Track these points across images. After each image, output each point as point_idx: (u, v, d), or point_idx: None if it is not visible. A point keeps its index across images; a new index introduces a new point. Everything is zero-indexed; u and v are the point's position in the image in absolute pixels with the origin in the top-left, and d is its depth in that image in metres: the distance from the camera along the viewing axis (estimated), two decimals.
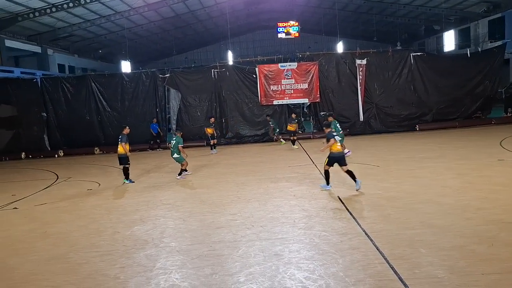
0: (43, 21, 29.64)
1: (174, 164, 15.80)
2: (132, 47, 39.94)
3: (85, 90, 21.54)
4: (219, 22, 40.59)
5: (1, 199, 11.57)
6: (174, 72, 21.57)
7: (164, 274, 5.74)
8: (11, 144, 21.62)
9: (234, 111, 21.37)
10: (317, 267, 5.59)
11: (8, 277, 6.11)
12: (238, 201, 9.53)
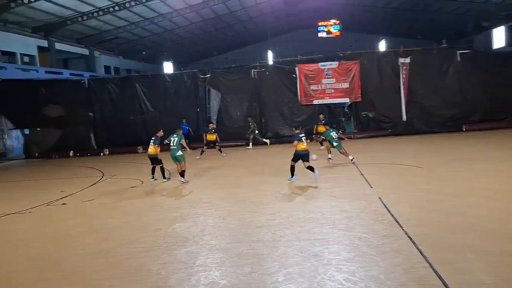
0: (90, 24, 30.81)
1: (212, 164, 16.03)
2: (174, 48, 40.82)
3: (129, 90, 22.20)
4: (259, 22, 40.76)
5: (51, 194, 12.13)
6: (215, 72, 21.85)
7: (204, 271, 5.83)
8: (60, 142, 22.61)
9: (273, 111, 21.38)
10: (357, 269, 5.51)
11: (57, 268, 6.40)
12: (276, 200, 9.54)
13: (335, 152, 14.40)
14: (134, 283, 5.66)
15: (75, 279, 5.95)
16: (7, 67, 24.32)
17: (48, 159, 21.63)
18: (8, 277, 6.25)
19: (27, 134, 23.32)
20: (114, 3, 28.05)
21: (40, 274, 6.24)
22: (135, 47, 40.91)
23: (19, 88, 22.39)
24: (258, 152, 18.31)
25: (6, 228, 9.06)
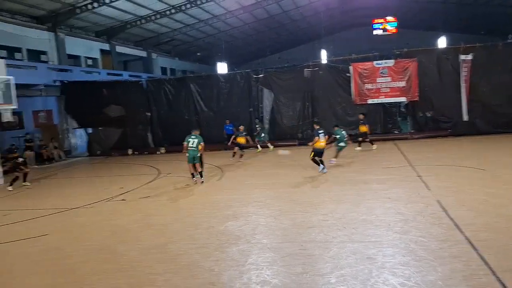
0: (148, 27, 31.98)
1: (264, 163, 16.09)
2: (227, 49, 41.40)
3: (184, 91, 22.77)
4: (312, 21, 40.40)
5: (112, 191, 12.72)
6: (268, 72, 21.90)
7: (255, 270, 5.87)
8: (119, 141, 23.62)
9: (326, 110, 21.08)
10: (413, 274, 5.32)
11: (116, 261, 6.70)
12: (329, 201, 9.40)
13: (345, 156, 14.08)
14: (188, 278, 5.80)
15: (131, 273, 6.19)
16: (72, 70, 25.78)
17: (109, 157, 22.67)
18: (72, 267, 6.62)
19: (90, 133, 24.58)
20: (171, 6, 28.93)
21: (100, 266, 6.56)
22: (190, 48, 41.97)
23: (83, 89, 23.66)
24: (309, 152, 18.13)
25: (70, 221, 9.60)
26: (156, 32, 34.16)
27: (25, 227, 9.43)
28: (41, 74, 22.55)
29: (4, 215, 10.67)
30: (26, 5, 23.05)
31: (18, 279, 6.30)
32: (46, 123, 23.98)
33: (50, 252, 7.44)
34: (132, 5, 26.70)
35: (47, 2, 23.31)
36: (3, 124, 19.40)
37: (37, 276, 6.38)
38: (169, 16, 30.30)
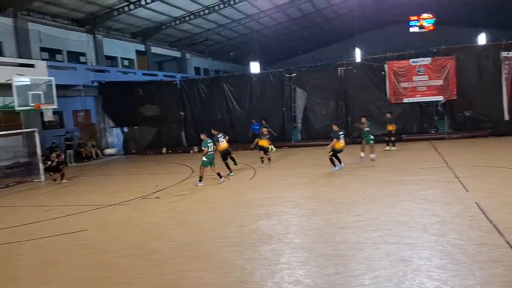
0: (182, 28, 32.50)
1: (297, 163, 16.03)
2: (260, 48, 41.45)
3: (217, 90, 22.97)
4: (346, 19, 39.92)
5: (146, 189, 13.00)
6: (300, 71, 21.79)
7: (288, 269, 5.86)
8: (154, 140, 24.12)
9: (360, 110, 20.73)
10: (450, 278, 5.17)
11: (151, 257, 6.84)
12: (363, 202, 9.27)
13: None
14: (220, 276, 5.85)
15: (165, 269, 6.31)
16: (109, 71, 26.52)
17: (144, 155, 23.18)
18: (108, 262, 6.81)
19: (126, 132, 25.22)
20: (205, 6, 29.28)
21: (135, 261, 6.72)
22: (223, 48, 42.32)
23: (120, 89, 24.29)
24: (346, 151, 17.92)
25: (107, 218, 9.89)
26: (190, 33, 34.65)
27: (65, 222, 9.78)
28: (80, 75, 23.32)
29: (46, 210, 11.11)
30: (67, 9, 23.91)
31: (62, 272, 6.54)
32: (84, 122, 24.80)
33: (89, 247, 7.69)
34: (167, 6, 27.19)
35: (87, 5, 24.08)
36: (45, 123, 20.21)
37: (78, 269, 6.61)
38: (203, 17, 30.68)
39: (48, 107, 16.04)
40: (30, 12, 22.39)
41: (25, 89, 15.25)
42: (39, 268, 6.81)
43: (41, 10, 22.91)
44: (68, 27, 24.98)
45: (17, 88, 14.86)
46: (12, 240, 8.57)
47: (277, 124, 21.91)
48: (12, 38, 20.85)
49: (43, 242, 8.29)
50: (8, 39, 20.64)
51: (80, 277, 6.26)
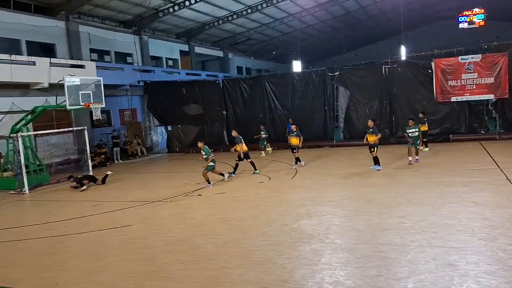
0: (225, 28, 32.85)
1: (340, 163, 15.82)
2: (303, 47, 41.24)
3: (259, 89, 23.04)
4: (391, 16, 38.95)
5: (189, 186, 13.29)
6: (343, 69, 21.46)
7: (328, 270, 5.80)
8: (197, 138, 24.47)
9: (405, 109, 20.19)
10: (500, 285, 4.94)
11: (194, 253, 6.98)
12: (407, 203, 9.03)
13: None
14: (261, 274, 5.88)
15: (207, 265, 6.41)
16: (154, 71, 27.23)
17: (187, 154, 23.61)
18: (152, 256, 7.01)
19: (169, 130, 25.80)
20: (247, 6, 29.44)
21: (178, 257, 6.88)
22: (265, 47, 42.40)
23: (164, 89, 24.89)
24: (388, 151, 17.55)
25: (151, 213, 10.17)
26: (233, 32, 34.96)
27: (113, 217, 10.16)
28: (127, 75, 24.11)
29: (95, 205, 11.59)
30: (115, 11, 24.76)
31: (109, 265, 6.81)
32: (130, 121, 25.59)
33: (135, 241, 7.94)
34: (210, 6, 27.57)
35: (134, 7, 24.84)
36: (94, 122, 21.04)
37: (124, 262, 6.85)
38: (246, 16, 30.87)
39: (97, 106, 16.64)
40: (80, 15, 23.37)
41: (76, 88, 15.91)
42: (88, 260, 7.11)
43: (91, 13, 23.85)
44: (115, 29, 25.87)
45: (68, 88, 15.54)
46: (63, 232, 9.00)
47: (318, 123, 21.75)
48: (64, 40, 21.85)
49: (91, 235, 8.65)
50: (60, 41, 21.65)
51: (126, 270, 6.48)
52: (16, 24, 19.32)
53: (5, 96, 17.67)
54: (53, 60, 19.06)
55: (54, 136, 19.23)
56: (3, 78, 16.58)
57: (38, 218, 10.62)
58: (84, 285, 6.03)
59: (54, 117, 19.89)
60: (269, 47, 42.91)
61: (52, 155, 19.21)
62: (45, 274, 6.60)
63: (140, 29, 27.24)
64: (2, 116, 17.62)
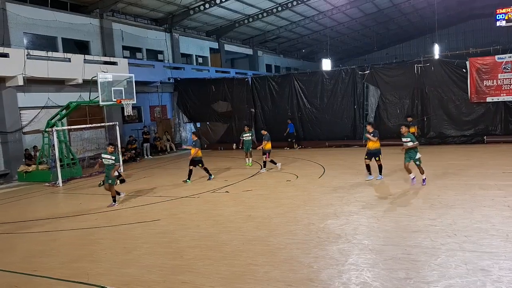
0: (255, 25, 32.90)
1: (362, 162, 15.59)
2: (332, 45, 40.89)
3: (288, 87, 22.96)
4: (425, 14, 38.10)
5: (216, 183, 13.38)
6: (374, 68, 21.11)
7: (355, 271, 5.74)
8: (225, 135, 24.69)
9: (438, 109, 19.70)
10: None
11: (220, 250, 7.03)
12: (438, 205, 8.81)
13: None
14: (287, 272, 5.86)
15: (233, 262, 6.44)
16: (185, 68, 27.57)
17: (215, 150, 23.80)
18: (180, 251, 7.11)
19: (198, 127, 26.06)
20: (278, 4, 29.39)
21: (205, 252, 6.94)
22: (295, 45, 42.23)
23: (194, 86, 25.18)
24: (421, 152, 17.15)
25: (179, 209, 10.31)
26: (262, 30, 34.98)
27: (142, 211, 10.35)
28: (157, 72, 24.51)
29: (124, 199, 11.83)
30: (147, 9, 25.20)
31: (138, 258, 6.94)
32: (160, 117, 25.99)
33: (162, 235, 8.07)
34: (240, 4, 27.67)
35: (166, 5, 25.21)
36: (125, 118, 21.48)
37: (152, 256, 6.97)
38: (276, 14, 30.82)
39: (128, 102, 16.98)
40: (114, 13, 23.88)
41: (108, 85, 16.28)
42: (118, 252, 7.28)
43: (124, 10, 24.33)
44: (147, 27, 26.31)
45: (101, 84, 15.92)
46: (94, 225, 9.24)
47: (347, 122, 21.51)
48: (98, 37, 22.39)
49: (121, 229, 8.84)
50: (94, 39, 22.20)
51: (154, 264, 6.60)
52: (53, 21, 19.96)
53: (41, 92, 18.28)
54: (87, 57, 19.60)
55: (87, 131, 19.75)
56: (40, 74, 17.16)
57: (70, 210, 10.94)
58: (114, 277, 6.17)
59: (87, 112, 20.45)
60: (298, 45, 42.71)
61: (85, 150, 19.73)
62: (77, 265, 6.79)
63: (171, 27, 27.61)
64: (39, 111, 18.23)
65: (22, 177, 16.67)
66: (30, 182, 16.04)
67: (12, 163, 17.25)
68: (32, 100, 18.02)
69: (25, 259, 7.32)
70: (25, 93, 17.65)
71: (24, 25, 18.79)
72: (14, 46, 17.66)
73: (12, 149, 17.36)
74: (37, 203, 12.33)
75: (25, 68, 16.62)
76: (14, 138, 17.38)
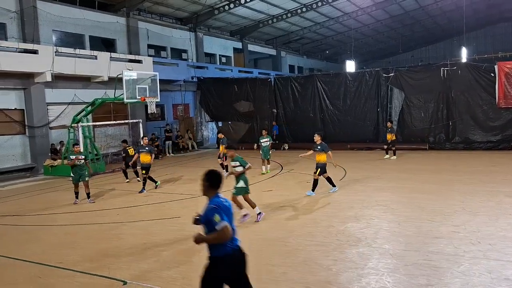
0: (279, 26, 32.84)
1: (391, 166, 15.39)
2: (357, 46, 40.51)
3: (311, 88, 22.85)
4: (453, 16, 37.32)
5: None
6: (399, 71, 20.80)
7: (375, 275, 5.66)
8: (246, 135, 24.73)
9: (464, 113, 19.26)
10: None
11: None
12: (462, 212, 8.62)
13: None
14: (305, 274, 5.83)
15: (250, 261, 6.27)
16: (208, 67, 27.76)
17: (236, 150, 23.75)
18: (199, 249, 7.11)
19: (220, 126, 26.19)
20: (302, 4, 29.27)
21: None
22: (318, 46, 41.99)
23: (216, 85, 25.32)
24: (443, 157, 16.87)
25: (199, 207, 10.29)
26: (286, 31, 34.90)
27: (162, 208, 10.46)
28: (181, 71, 24.74)
29: (146, 195, 12.00)
30: (173, 8, 25.47)
31: (158, 253, 7.02)
32: (183, 116, 26.23)
33: (182, 232, 8.12)
34: (265, 4, 27.67)
35: (191, 4, 25.42)
36: (148, 115, 21.76)
37: (171, 252, 7.04)
38: (300, 15, 30.71)
39: (152, 100, 17.20)
40: (140, 12, 24.23)
41: (133, 82, 16.54)
42: (138, 248, 7.37)
43: (150, 9, 24.65)
44: (172, 26, 26.60)
45: (126, 82, 16.17)
46: (115, 220, 9.39)
47: (370, 125, 21.27)
48: (124, 36, 22.76)
49: (142, 225, 8.96)
50: (121, 37, 22.57)
51: (173, 260, 6.66)
52: (81, 20, 20.40)
53: (68, 88, 18.69)
54: (113, 55, 19.94)
55: (111, 128, 20.10)
56: (67, 70, 17.55)
57: (93, 205, 11.14)
58: (134, 272, 6.25)
59: (111, 109, 20.81)
60: (322, 46, 42.45)
61: (109, 146, 20.09)
62: (98, 259, 6.91)
63: (195, 26, 27.83)
64: (65, 106, 18.64)
65: (47, 171, 17.08)
66: (55, 176, 16.41)
67: (38, 157, 17.70)
68: (59, 96, 18.45)
69: (48, 251, 7.49)
70: (53, 89, 18.09)
71: (54, 23, 19.26)
72: (43, 43, 18.12)
73: (39, 144, 17.81)
74: (61, 197, 12.59)
75: (53, 65, 17.02)
76: (41, 132, 17.83)
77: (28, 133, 17.66)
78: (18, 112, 17.55)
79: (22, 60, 16.26)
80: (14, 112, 17.39)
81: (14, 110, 17.40)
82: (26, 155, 17.77)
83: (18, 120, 17.50)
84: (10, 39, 17.37)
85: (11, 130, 17.31)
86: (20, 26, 17.87)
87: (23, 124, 17.61)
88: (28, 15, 17.91)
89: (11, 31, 17.69)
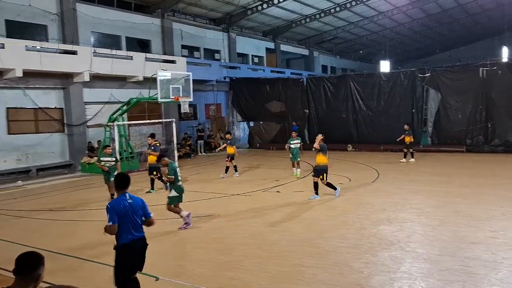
0: (312, 26, 32.65)
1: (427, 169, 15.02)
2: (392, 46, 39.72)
3: (343, 89, 22.57)
4: (493, 14, 36.05)
5: (268, 182, 13.42)
6: (435, 71, 20.24)
7: (408, 279, 5.54)
8: (278, 135, 24.70)
9: (504, 115, 18.54)
10: None
11: (269, 249, 7.05)
12: (502, 217, 8.31)
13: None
14: (336, 276, 5.77)
15: (281, 262, 6.43)
16: (240, 67, 27.91)
17: (267, 150, 23.88)
18: (230, 247, 7.20)
19: (251, 126, 26.28)
20: (336, 4, 28.99)
21: (253, 251, 6.98)
22: (352, 46, 41.47)
23: (248, 85, 25.42)
24: (482, 160, 16.32)
25: (230, 206, 10.44)
26: (319, 31, 34.66)
27: (193, 207, 10.57)
28: (214, 71, 25.00)
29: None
30: (206, 9, 25.78)
31: (190, 251, 7.15)
32: (215, 116, 26.47)
33: (213, 231, 8.22)
34: (298, 4, 27.57)
35: (224, 5, 25.64)
36: (181, 115, 22.09)
37: (203, 251, 7.13)
38: (333, 14, 30.43)
39: (185, 100, 17.43)
40: (174, 13, 24.64)
41: (167, 82, 16.81)
42: (170, 245, 7.51)
43: (184, 10, 25.03)
44: (206, 26, 26.91)
45: (160, 82, 16.47)
46: None
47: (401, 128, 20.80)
48: (159, 36, 23.21)
49: (173, 222, 9.09)
50: (155, 38, 23.03)
51: (204, 258, 6.73)
52: (118, 21, 20.95)
53: (105, 88, 19.24)
54: (148, 55, 20.38)
55: (145, 127, 20.52)
56: (104, 71, 18.06)
57: None
58: (166, 268, 6.36)
59: (146, 108, 21.27)
60: (355, 46, 41.90)
61: (143, 144, 20.48)
62: None
63: (228, 27, 28.04)
64: (102, 106, 19.18)
65: (84, 168, 17.63)
66: (91, 173, 16.90)
67: (76, 155, 18.30)
68: (96, 96, 19.02)
69: (84, 245, 7.73)
70: (90, 89, 18.67)
71: (92, 24, 19.87)
72: (82, 44, 18.72)
73: (77, 141, 18.41)
74: (93, 195, 12.93)
75: (91, 65, 17.56)
76: (79, 131, 18.43)
77: (66, 131, 18.29)
78: (58, 110, 18.22)
79: (62, 60, 16.87)
80: (54, 110, 18.07)
81: (54, 109, 18.07)
82: (64, 152, 18.41)
83: (58, 118, 18.17)
84: (51, 40, 18.05)
85: (50, 128, 17.99)
86: (60, 27, 18.54)
87: (62, 123, 18.27)
88: (68, 17, 18.56)
89: (51, 32, 18.38)
